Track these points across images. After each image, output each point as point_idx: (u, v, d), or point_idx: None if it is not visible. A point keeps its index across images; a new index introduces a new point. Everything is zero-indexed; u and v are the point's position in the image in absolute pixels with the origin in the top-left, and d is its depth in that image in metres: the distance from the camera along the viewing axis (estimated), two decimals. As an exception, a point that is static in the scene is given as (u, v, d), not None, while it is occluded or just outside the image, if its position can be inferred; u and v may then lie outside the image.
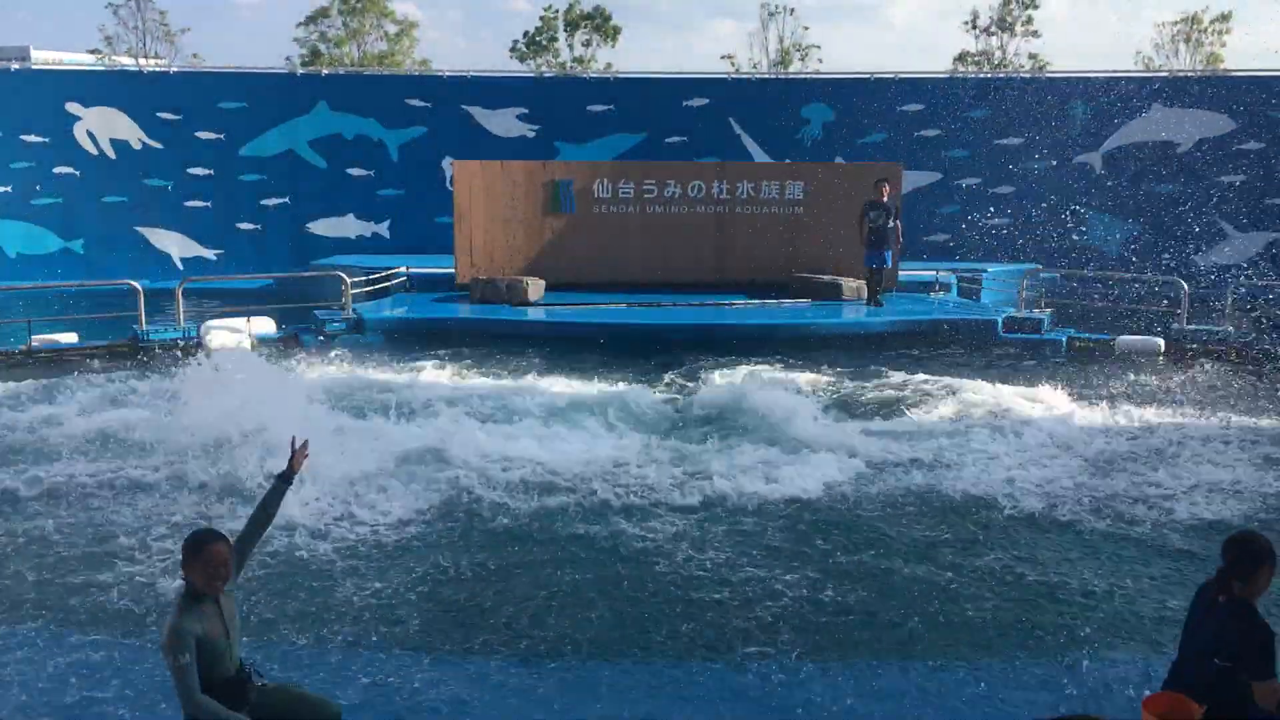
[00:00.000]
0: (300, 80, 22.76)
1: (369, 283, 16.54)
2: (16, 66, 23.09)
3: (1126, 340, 14.09)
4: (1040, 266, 19.30)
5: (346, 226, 21.96)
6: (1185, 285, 14.85)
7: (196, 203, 21.55)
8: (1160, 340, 14.00)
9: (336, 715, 4.32)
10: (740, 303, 16.00)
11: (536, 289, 15.99)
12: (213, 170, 21.45)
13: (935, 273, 17.88)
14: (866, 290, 15.85)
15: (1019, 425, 10.02)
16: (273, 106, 21.46)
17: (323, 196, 21.75)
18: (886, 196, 15.52)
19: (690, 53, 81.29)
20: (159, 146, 21.31)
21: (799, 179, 17.28)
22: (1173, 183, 21.07)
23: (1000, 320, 14.71)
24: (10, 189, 20.86)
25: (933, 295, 17.25)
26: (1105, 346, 14.06)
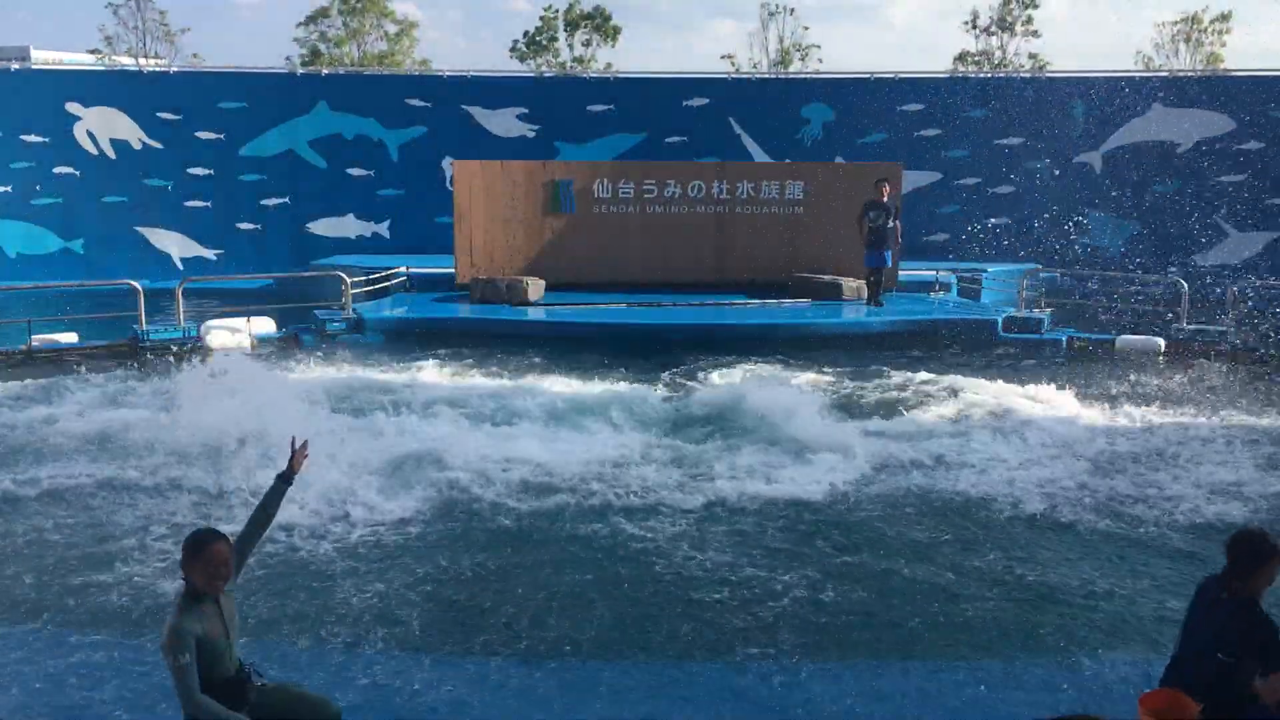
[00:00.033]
0: (300, 80, 22.76)
1: (369, 283, 16.55)
2: (16, 66, 23.09)
3: (1126, 340, 14.09)
4: (1040, 266, 19.30)
5: (346, 226, 21.97)
6: (1185, 285, 14.84)
7: (196, 203, 21.57)
8: (1160, 340, 14.00)
9: (336, 715, 4.32)
10: (740, 302, 16.01)
11: (536, 289, 16.00)
12: (213, 170, 21.46)
13: (935, 273, 17.89)
14: (866, 290, 15.85)
15: (1019, 425, 10.03)
16: (273, 106, 21.47)
17: (323, 196, 21.77)
18: (886, 196, 15.51)
19: (690, 53, 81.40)
20: (159, 146, 21.32)
21: (799, 179, 17.27)
22: (1173, 183, 21.09)
23: (1000, 320, 14.71)
24: (10, 189, 20.88)
25: (933, 295, 17.25)
26: (1105, 346, 14.07)
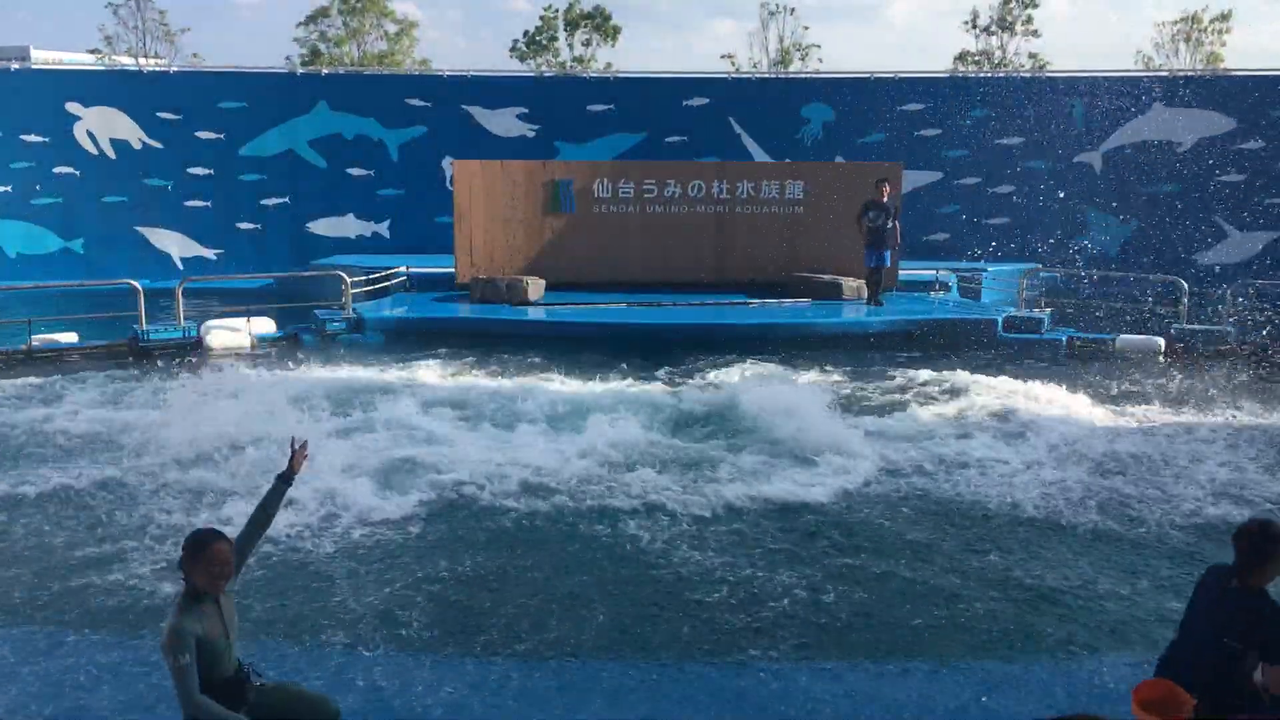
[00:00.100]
0: (300, 80, 22.75)
1: (369, 282, 16.56)
2: (16, 66, 23.09)
3: (1126, 340, 14.09)
4: (1040, 266, 19.31)
5: (346, 226, 21.98)
6: (1185, 285, 14.84)
7: (196, 202, 21.58)
8: (1160, 340, 14.00)
9: (335, 713, 4.31)
10: (740, 302, 16.01)
11: (536, 289, 16.00)
12: (213, 170, 21.47)
13: (935, 272, 17.89)
14: (866, 290, 15.86)
15: (1019, 425, 10.04)
16: (273, 106, 21.48)
17: (323, 196, 21.78)
18: (886, 197, 15.51)
19: (690, 52, 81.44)
20: (159, 146, 21.33)
21: (799, 179, 17.27)
22: (1173, 183, 21.09)
23: (1000, 320, 14.71)
24: (10, 189, 20.89)
25: (933, 295, 17.25)
26: (1105, 346, 14.07)
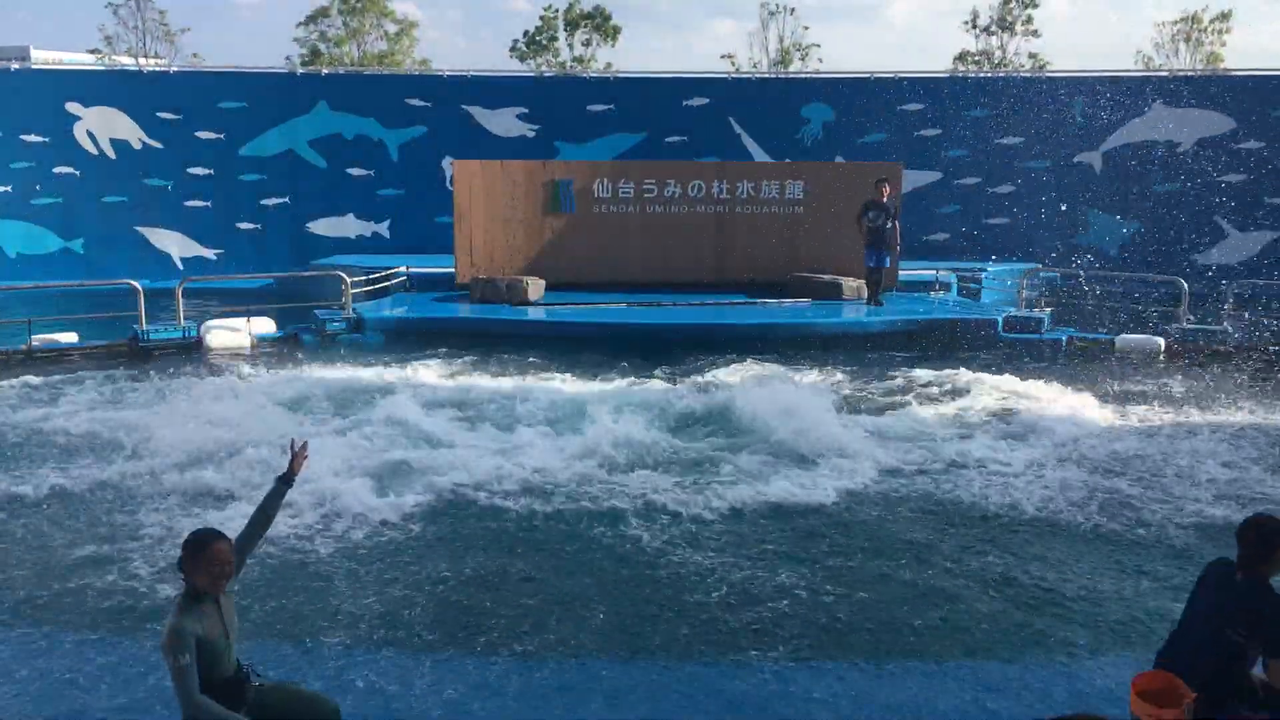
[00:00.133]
0: (300, 80, 22.76)
1: (369, 282, 16.57)
2: (16, 66, 23.10)
3: (1126, 339, 14.09)
4: (1040, 266, 19.32)
5: (346, 226, 21.98)
6: (1185, 285, 14.84)
7: (196, 202, 21.58)
8: (1160, 340, 14.00)
9: (334, 712, 4.31)
10: (740, 302, 16.01)
11: (536, 289, 16.00)
12: (213, 170, 21.48)
13: (935, 272, 17.90)
14: (866, 290, 15.86)
15: (1019, 425, 10.04)
16: (273, 106, 21.49)
17: (323, 196, 21.79)
18: (886, 197, 15.51)
19: (690, 52, 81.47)
20: (159, 146, 21.34)
21: (799, 179, 17.28)
22: (1173, 183, 21.09)
23: (1000, 320, 14.71)
24: (10, 189, 20.89)
25: (933, 295, 17.25)
26: (1105, 346, 14.07)
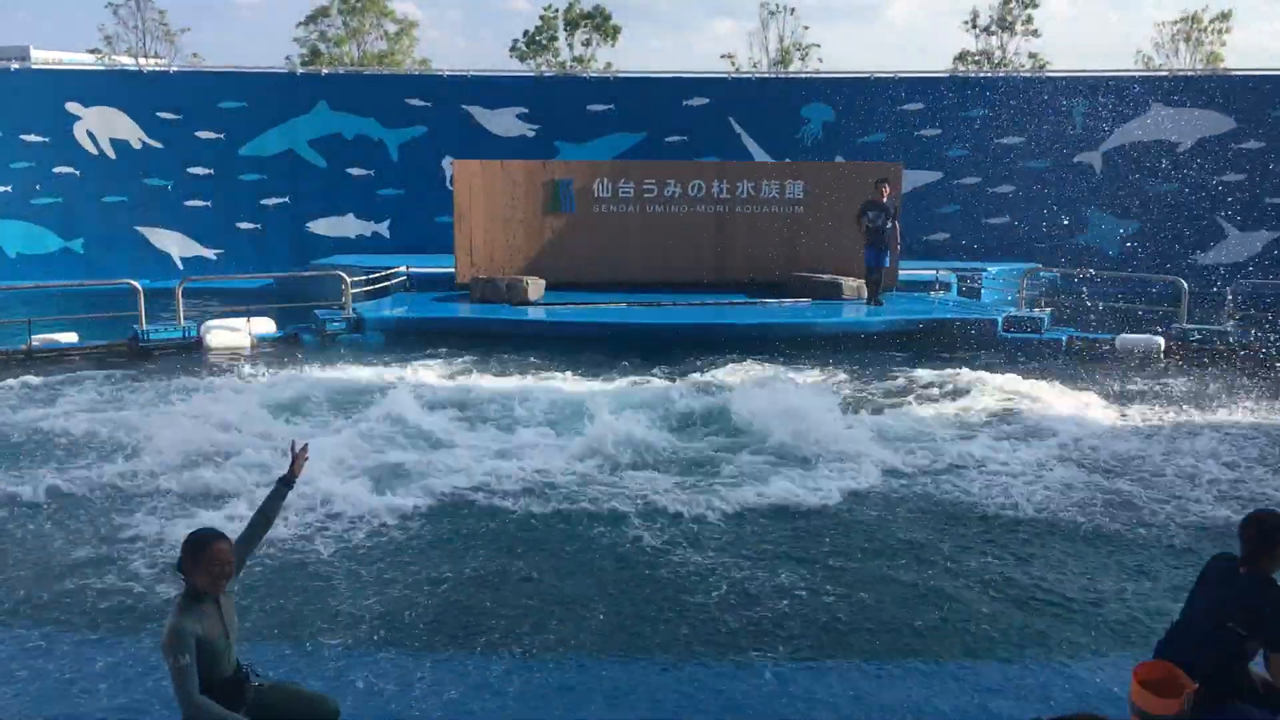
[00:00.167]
0: (300, 80, 22.75)
1: (369, 282, 16.57)
2: (16, 66, 23.09)
3: (1126, 339, 14.09)
4: (1040, 266, 19.31)
5: (346, 226, 21.99)
6: (1185, 284, 14.84)
7: (196, 202, 21.59)
8: (1160, 339, 14.00)
9: (334, 712, 4.31)
10: (740, 302, 16.01)
11: (536, 288, 16.00)
12: (213, 170, 21.48)
13: (935, 272, 17.90)
14: (866, 290, 15.86)
15: (1019, 425, 10.05)
16: (273, 106, 21.49)
17: (323, 196, 21.79)
18: (886, 197, 15.52)
19: (690, 52, 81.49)
20: (159, 146, 21.35)
21: (799, 179, 17.28)
22: (1173, 183, 21.09)
23: (1000, 320, 14.71)
24: (10, 189, 20.90)
25: (933, 294, 17.26)
26: (1105, 346, 14.07)
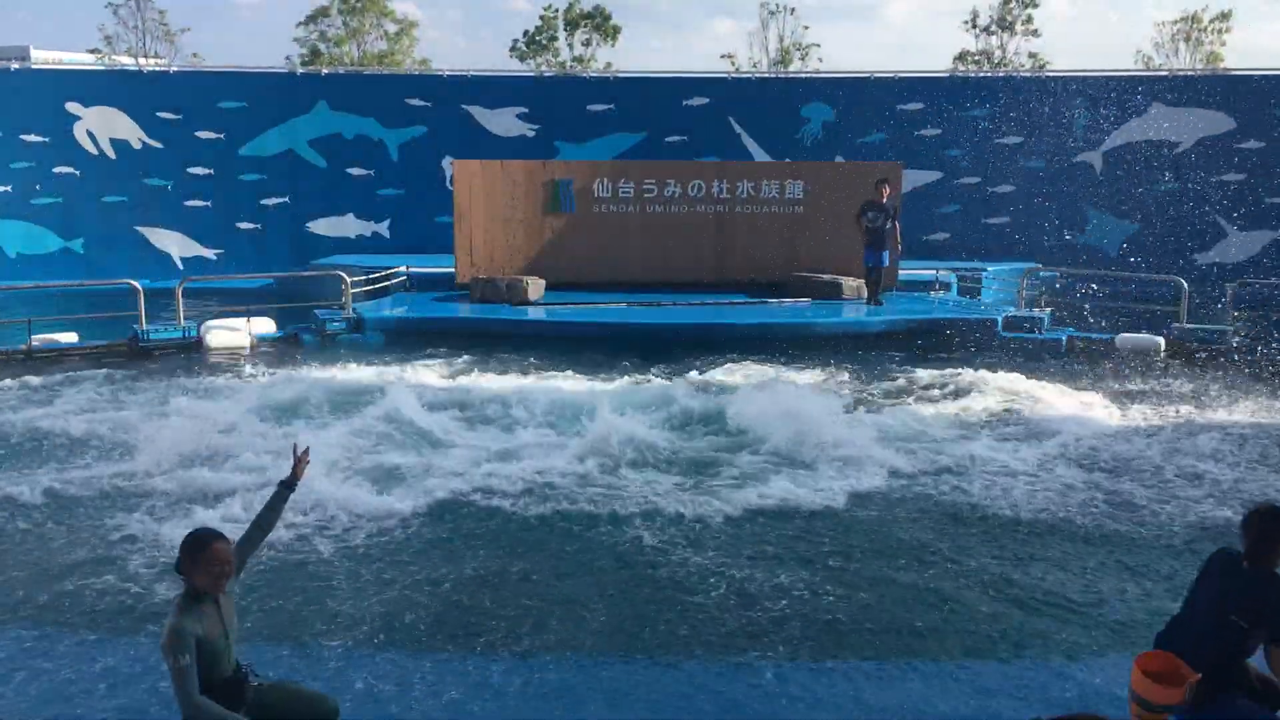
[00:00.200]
0: (300, 80, 22.76)
1: (369, 282, 16.57)
2: (16, 66, 23.09)
3: (1126, 339, 14.08)
4: (1040, 266, 19.31)
5: (346, 226, 21.99)
6: (1185, 284, 14.84)
7: (196, 202, 21.59)
8: (1160, 339, 13.99)
9: (334, 711, 4.31)
10: (740, 302, 16.01)
11: (536, 288, 16.00)
12: (213, 170, 21.48)
13: (935, 272, 17.90)
14: (866, 290, 15.86)
15: (1019, 425, 10.06)
16: (273, 106, 21.49)
17: (323, 196, 21.79)
18: (886, 198, 15.52)
19: (690, 52, 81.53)
20: (159, 146, 21.35)
21: (799, 179, 17.28)
22: (1173, 183, 21.09)
23: (1000, 319, 14.71)
24: (10, 189, 20.90)
25: (933, 294, 17.26)
26: (1105, 345, 14.07)
